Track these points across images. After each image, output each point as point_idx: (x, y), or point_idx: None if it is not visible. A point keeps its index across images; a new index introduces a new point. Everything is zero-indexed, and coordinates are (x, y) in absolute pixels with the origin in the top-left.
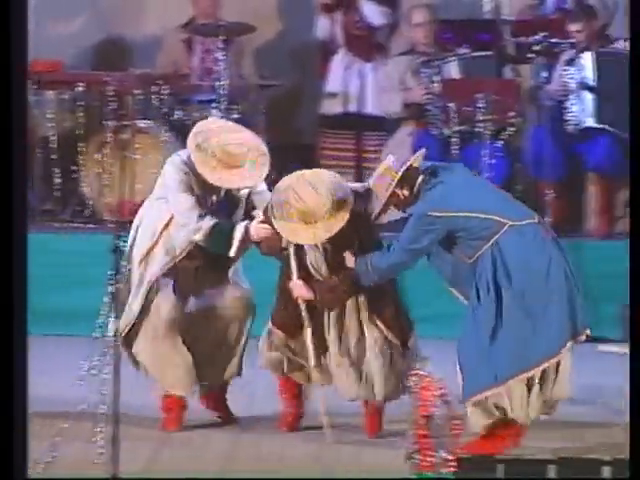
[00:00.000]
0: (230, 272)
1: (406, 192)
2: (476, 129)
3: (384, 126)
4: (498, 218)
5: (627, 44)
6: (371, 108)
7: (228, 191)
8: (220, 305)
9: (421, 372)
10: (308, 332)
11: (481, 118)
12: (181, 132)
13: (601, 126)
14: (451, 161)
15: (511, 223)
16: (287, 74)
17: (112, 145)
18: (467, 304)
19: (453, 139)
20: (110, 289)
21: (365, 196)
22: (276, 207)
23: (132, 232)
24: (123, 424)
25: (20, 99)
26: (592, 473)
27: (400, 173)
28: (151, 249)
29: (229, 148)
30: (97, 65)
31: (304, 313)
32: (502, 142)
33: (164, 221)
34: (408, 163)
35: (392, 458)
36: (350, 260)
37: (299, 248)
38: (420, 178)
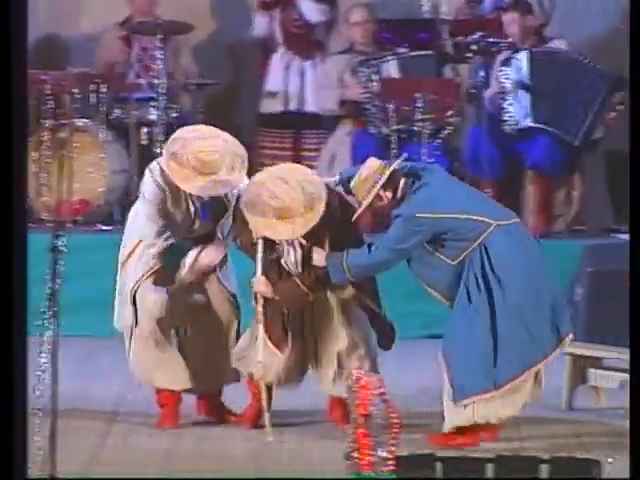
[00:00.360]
0: (218, 274)
1: (389, 194)
2: (415, 128)
3: (323, 124)
4: (484, 218)
5: (562, 43)
6: (310, 106)
7: (213, 197)
8: (207, 310)
9: (360, 371)
10: (260, 328)
11: (420, 117)
12: (120, 131)
13: (539, 125)
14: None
15: (497, 223)
16: (225, 72)
17: (50, 144)
18: (455, 304)
19: (392, 138)
20: (49, 289)
21: (336, 192)
22: (250, 204)
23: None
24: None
25: (20, 99)
26: (530, 471)
27: (386, 176)
28: (130, 255)
29: (201, 156)
30: (34, 64)
31: (259, 308)
32: (441, 141)
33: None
34: (393, 166)
35: (331, 457)
36: (319, 258)
37: (268, 245)
38: (402, 181)
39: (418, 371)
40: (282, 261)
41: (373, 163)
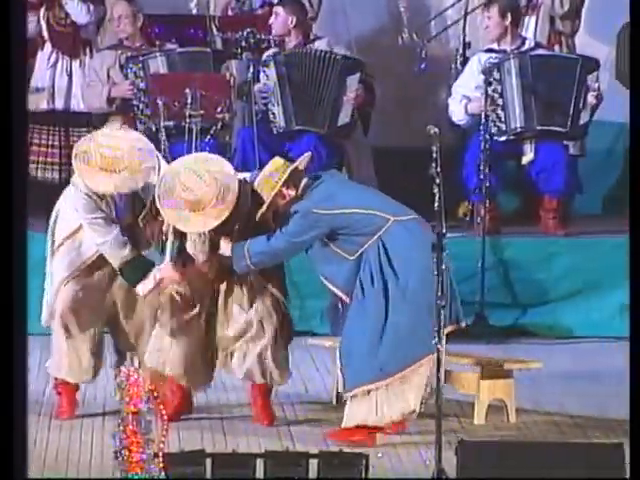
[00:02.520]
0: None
1: (292, 192)
2: (185, 124)
3: (91, 122)
4: (381, 214)
5: (323, 42)
6: (78, 104)
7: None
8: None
9: (130, 368)
10: (165, 316)
11: (189, 113)
12: None
13: (303, 127)
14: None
15: (394, 218)
16: None
17: None
18: (353, 299)
19: (161, 134)
20: None
21: (247, 185)
22: (162, 196)
23: (52, 216)
24: None
25: (20, 100)
26: (298, 465)
27: (286, 174)
28: (74, 233)
29: (103, 151)
30: None
31: (162, 297)
32: (211, 138)
33: (72, 228)
34: (295, 164)
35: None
36: (225, 247)
37: (177, 235)
38: (304, 180)
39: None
40: (189, 250)
41: (276, 161)
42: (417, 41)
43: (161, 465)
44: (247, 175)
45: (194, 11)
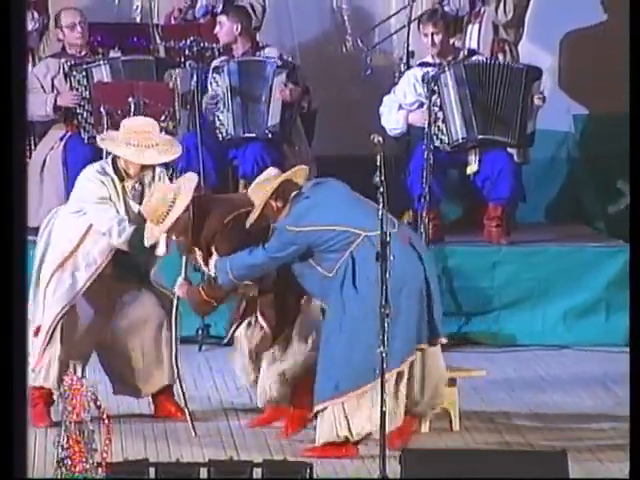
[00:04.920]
0: (151, 275)
1: (280, 204)
2: None
3: (33, 130)
4: (353, 229)
5: (272, 50)
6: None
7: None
8: (141, 315)
9: (73, 376)
10: (173, 329)
11: None
12: None
13: (250, 135)
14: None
15: (365, 234)
16: None
17: None
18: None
19: None
20: None
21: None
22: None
23: (40, 246)
24: None
25: (20, 101)
26: (243, 475)
27: (276, 184)
28: (66, 260)
29: (137, 128)
30: None
31: (173, 312)
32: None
33: (81, 233)
34: (283, 177)
35: None
36: (211, 265)
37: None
38: (293, 193)
39: None
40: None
41: (270, 171)
42: (361, 47)
43: (104, 474)
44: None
45: (137, 20)
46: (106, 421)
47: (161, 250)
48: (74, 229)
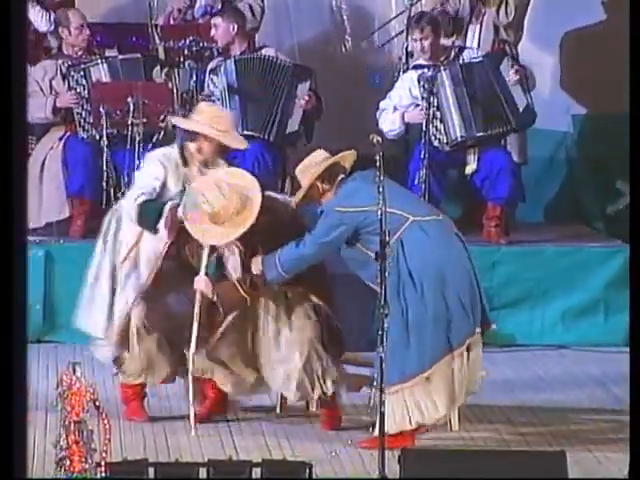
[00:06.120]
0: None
1: (326, 186)
2: (127, 133)
3: (32, 131)
4: (401, 212)
5: (270, 50)
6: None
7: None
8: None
9: (72, 377)
10: (195, 327)
11: (132, 122)
12: None
13: (251, 134)
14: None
15: (413, 218)
16: None
17: None
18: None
19: (104, 142)
20: None
21: (275, 197)
22: (188, 208)
23: (110, 232)
24: None
25: (20, 102)
26: (242, 474)
27: (323, 167)
28: (133, 247)
29: (215, 112)
30: None
31: (196, 308)
32: (153, 146)
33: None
34: (333, 159)
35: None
36: (255, 265)
37: (214, 249)
38: (340, 177)
39: None
40: (227, 266)
41: (318, 153)
42: (362, 49)
43: (104, 474)
44: (279, 196)
45: (136, 20)
46: (105, 421)
47: (157, 228)
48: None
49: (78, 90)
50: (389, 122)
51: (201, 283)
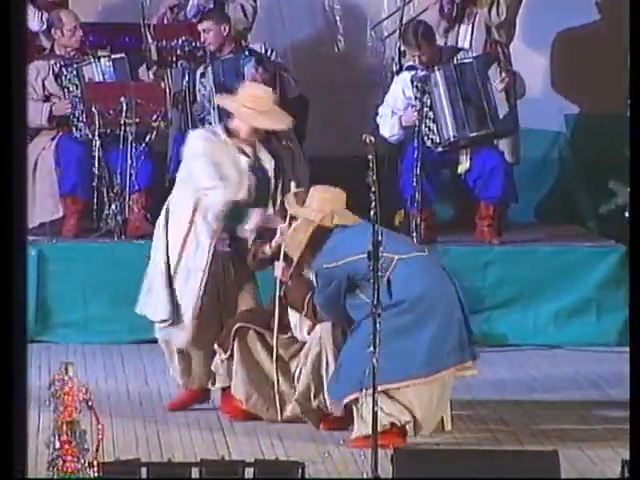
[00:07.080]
0: None
1: (313, 251)
2: (120, 132)
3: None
4: (386, 253)
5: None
6: None
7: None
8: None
9: (64, 377)
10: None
11: (124, 121)
12: None
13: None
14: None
15: (398, 257)
16: None
17: None
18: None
19: (96, 142)
20: None
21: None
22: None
23: (162, 223)
24: None
25: (19, 102)
26: (234, 474)
27: (309, 233)
28: (186, 237)
29: (256, 92)
30: None
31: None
32: (146, 145)
33: (191, 206)
34: (314, 225)
35: None
36: (277, 268)
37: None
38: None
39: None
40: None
41: (305, 218)
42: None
43: (96, 474)
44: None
45: (129, 20)
46: (98, 421)
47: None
48: (185, 202)
49: (71, 89)
50: (388, 127)
51: (280, 269)
